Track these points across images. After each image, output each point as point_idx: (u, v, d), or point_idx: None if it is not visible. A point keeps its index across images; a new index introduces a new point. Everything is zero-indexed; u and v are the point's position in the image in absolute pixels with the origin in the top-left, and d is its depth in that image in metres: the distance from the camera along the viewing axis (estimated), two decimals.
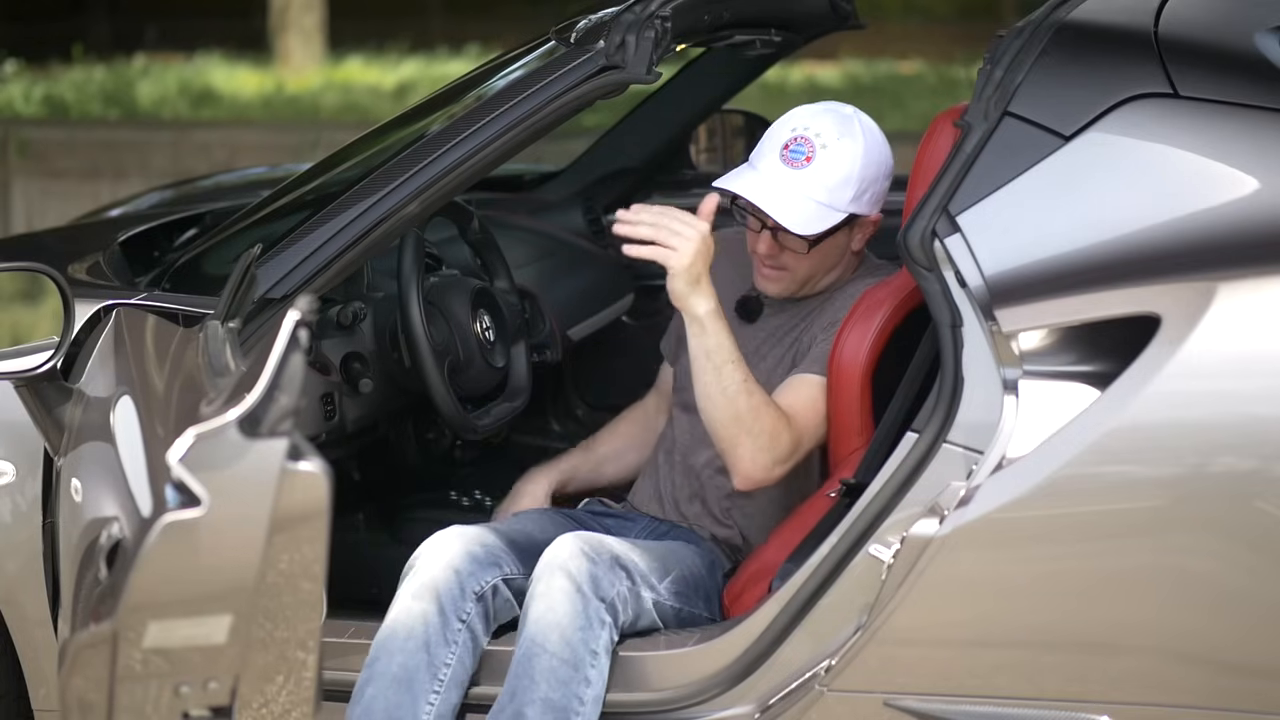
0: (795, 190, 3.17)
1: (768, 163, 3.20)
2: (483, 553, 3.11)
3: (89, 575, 2.64)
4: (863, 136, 3.22)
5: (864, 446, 3.14)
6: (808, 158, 3.17)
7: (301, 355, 2.34)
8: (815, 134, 3.19)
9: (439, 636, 3.01)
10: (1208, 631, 2.84)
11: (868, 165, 3.22)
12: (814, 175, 3.18)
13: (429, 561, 3.08)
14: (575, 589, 2.97)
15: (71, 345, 3.13)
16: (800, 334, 3.31)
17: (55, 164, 8.92)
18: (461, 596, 3.04)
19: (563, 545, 3.03)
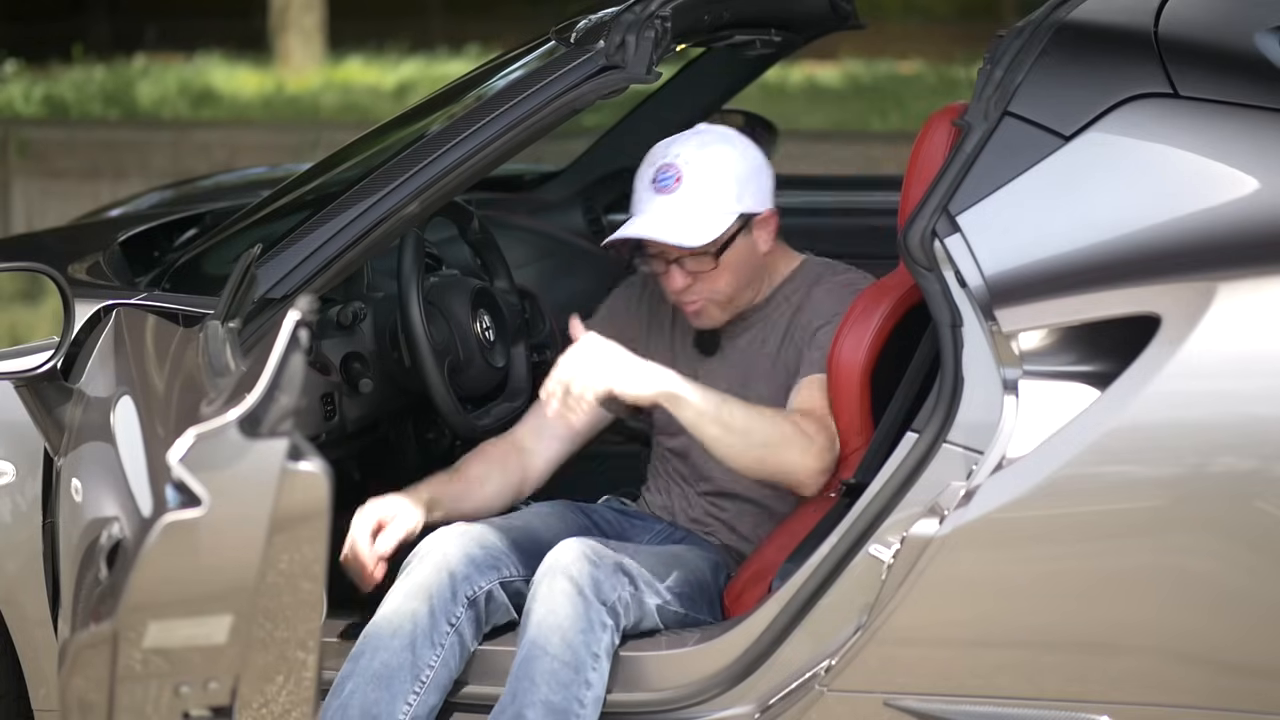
0: (676, 211, 3.17)
1: (646, 204, 3.20)
2: (482, 554, 3.10)
3: (89, 575, 2.64)
4: (722, 141, 3.25)
5: (864, 446, 3.14)
6: (677, 179, 3.18)
7: (301, 355, 2.34)
8: (675, 156, 3.21)
9: (426, 638, 3.01)
10: (1208, 631, 2.84)
11: (737, 163, 3.23)
12: (688, 191, 3.18)
13: (425, 561, 3.08)
14: (577, 592, 2.96)
15: (71, 345, 3.13)
16: (779, 349, 3.29)
17: (55, 164, 8.91)
18: (453, 600, 3.04)
19: (566, 549, 3.03)
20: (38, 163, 8.90)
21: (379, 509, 3.17)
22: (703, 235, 3.16)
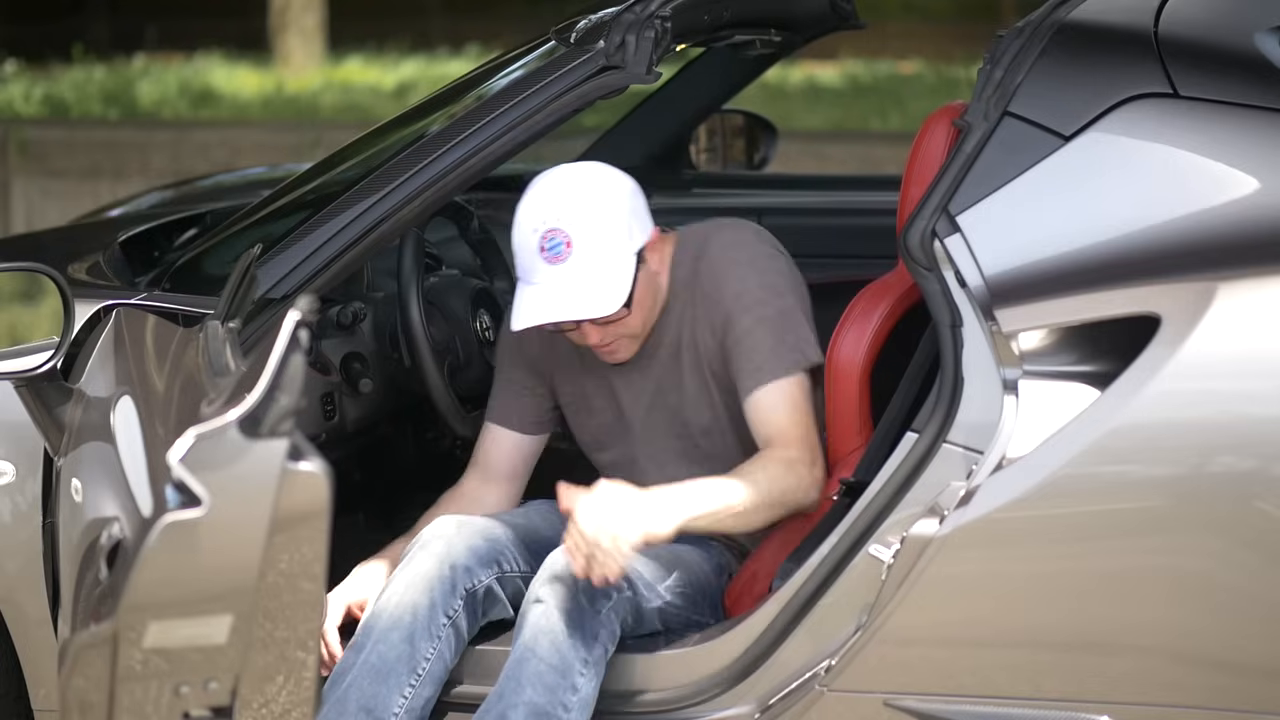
0: (578, 280, 3.02)
1: (541, 275, 3.03)
2: (485, 547, 3.09)
3: (89, 575, 2.64)
4: (595, 183, 3.08)
5: (863, 446, 3.14)
6: (567, 244, 3.02)
7: (301, 355, 2.34)
8: (557, 219, 3.03)
9: (424, 630, 3.01)
10: (1208, 631, 2.84)
11: (617, 202, 3.06)
12: (583, 254, 3.02)
13: (427, 550, 3.07)
14: (573, 597, 2.95)
15: (71, 345, 3.13)
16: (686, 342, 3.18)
17: (55, 164, 8.91)
18: (452, 593, 3.04)
19: (562, 555, 3.01)
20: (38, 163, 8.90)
21: (347, 596, 3.18)
22: (614, 299, 3.04)
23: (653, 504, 2.93)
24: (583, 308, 3.04)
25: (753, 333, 3.12)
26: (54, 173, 8.87)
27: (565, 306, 3.03)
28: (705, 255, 3.18)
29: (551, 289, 3.03)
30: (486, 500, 3.33)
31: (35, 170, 8.88)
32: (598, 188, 3.08)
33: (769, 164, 4.87)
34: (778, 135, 4.85)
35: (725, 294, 3.14)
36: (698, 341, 3.18)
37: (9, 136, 8.95)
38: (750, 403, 3.12)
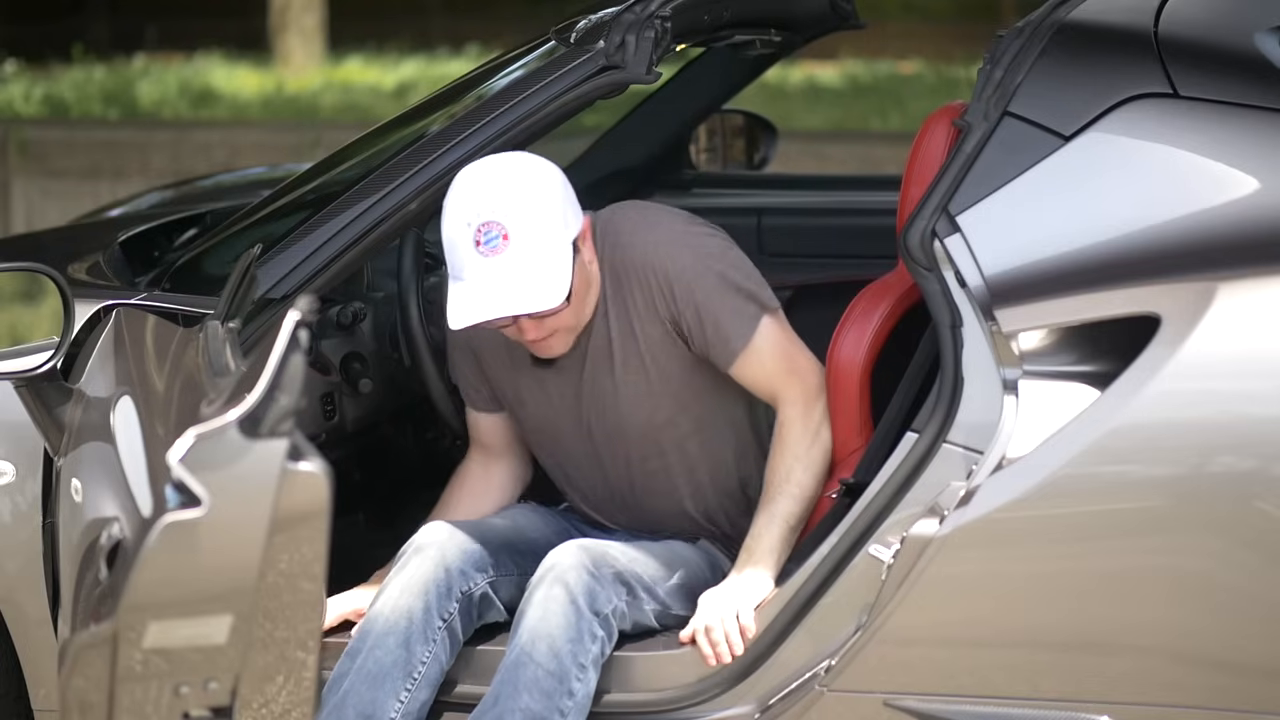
0: (516, 273, 2.92)
1: (478, 270, 2.92)
2: (479, 551, 3.09)
3: (89, 575, 2.64)
4: (519, 174, 2.98)
5: (863, 446, 3.14)
6: (504, 236, 2.92)
7: (301, 355, 2.34)
8: (490, 210, 2.93)
9: (420, 634, 3.01)
10: (1207, 631, 2.84)
11: (550, 191, 2.98)
12: (523, 247, 2.93)
13: (423, 555, 3.07)
14: (570, 601, 2.95)
15: (71, 345, 3.13)
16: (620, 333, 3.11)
17: (55, 164, 8.91)
18: (448, 596, 3.03)
19: (565, 554, 3.01)
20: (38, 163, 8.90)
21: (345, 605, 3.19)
22: (556, 292, 2.94)
23: (754, 586, 3.02)
24: (524, 302, 2.93)
25: (707, 306, 3.07)
26: (54, 173, 8.87)
27: (506, 301, 2.94)
28: (620, 244, 3.09)
29: (490, 284, 2.93)
30: (495, 473, 3.35)
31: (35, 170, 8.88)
32: (530, 177, 2.98)
33: (769, 164, 4.87)
34: (778, 135, 4.85)
35: (663, 278, 3.07)
36: (636, 331, 3.10)
37: (9, 136, 8.95)
38: (736, 372, 3.12)
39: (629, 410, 3.15)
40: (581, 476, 3.25)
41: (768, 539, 3.05)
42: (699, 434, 3.19)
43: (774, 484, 3.10)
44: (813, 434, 3.10)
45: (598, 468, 3.22)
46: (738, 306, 3.08)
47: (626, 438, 3.17)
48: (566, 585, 2.96)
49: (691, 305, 3.07)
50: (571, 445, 3.23)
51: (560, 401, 3.19)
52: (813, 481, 3.09)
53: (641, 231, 3.10)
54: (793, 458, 3.09)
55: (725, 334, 3.08)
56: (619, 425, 3.17)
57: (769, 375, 3.11)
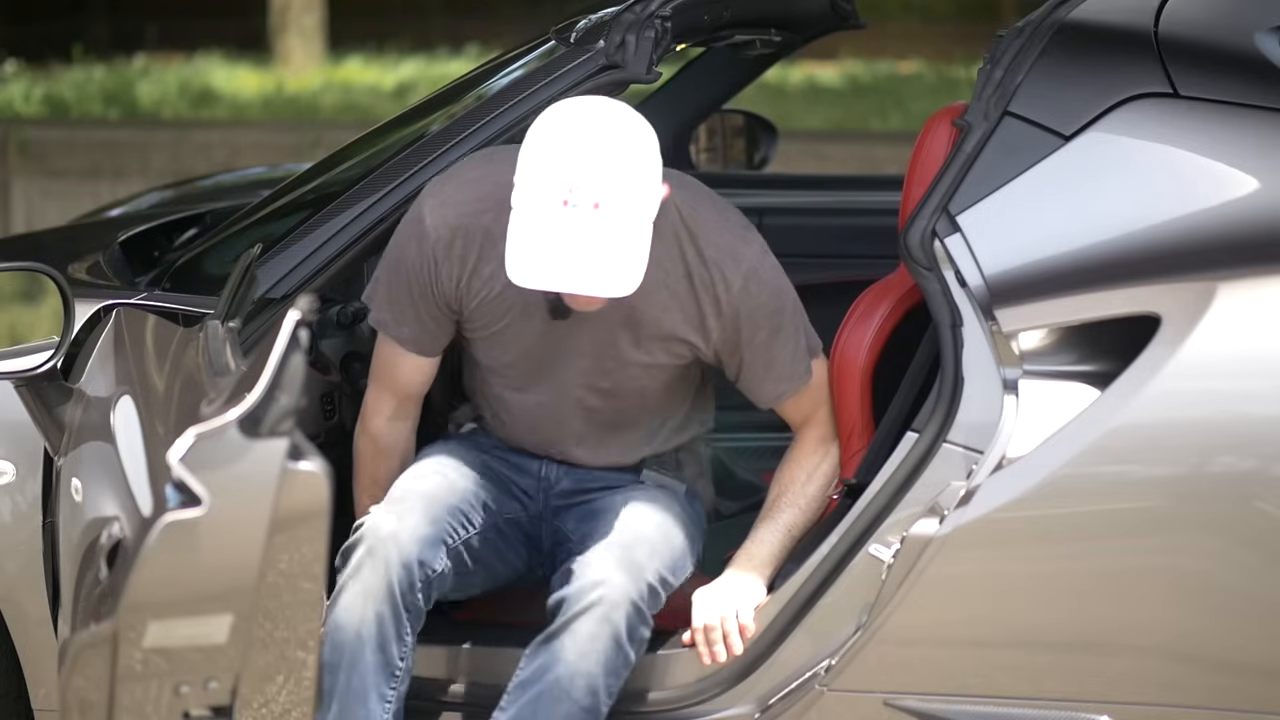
0: (600, 250, 2.73)
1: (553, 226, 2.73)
2: (430, 531, 2.98)
3: (89, 575, 2.64)
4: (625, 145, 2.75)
5: (864, 447, 3.14)
6: (595, 205, 2.72)
7: (301, 355, 2.34)
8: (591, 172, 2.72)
9: (393, 634, 2.95)
10: (1207, 631, 2.84)
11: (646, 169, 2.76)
12: (609, 223, 2.73)
13: (378, 556, 2.94)
14: (613, 640, 2.89)
15: (71, 345, 3.13)
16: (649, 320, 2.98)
17: (55, 164, 8.91)
18: (412, 590, 2.95)
19: (611, 584, 2.89)
20: (38, 163, 8.89)
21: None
22: (632, 278, 2.76)
23: (750, 588, 3.00)
24: (600, 283, 2.74)
25: (768, 349, 3.02)
26: (54, 173, 8.87)
27: (580, 277, 2.74)
28: (700, 239, 2.96)
29: (565, 249, 2.73)
30: (402, 431, 3.17)
31: (35, 170, 8.87)
32: (635, 150, 2.76)
33: (769, 164, 4.87)
34: (778, 135, 4.85)
35: (731, 306, 2.97)
36: (666, 327, 2.99)
37: (9, 136, 8.94)
38: (779, 407, 3.10)
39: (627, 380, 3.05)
40: (530, 413, 3.12)
41: (770, 545, 3.05)
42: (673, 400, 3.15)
43: (784, 495, 3.08)
44: (825, 450, 3.11)
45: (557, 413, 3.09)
46: (794, 353, 3.05)
47: (615, 397, 3.07)
48: (613, 625, 2.88)
49: (752, 346, 3.01)
50: (542, 391, 3.08)
51: (559, 353, 3.04)
52: (822, 495, 3.10)
53: (734, 251, 2.97)
54: (805, 473, 3.10)
55: (778, 375, 3.05)
56: (614, 388, 3.06)
57: (805, 412, 3.12)
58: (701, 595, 3.01)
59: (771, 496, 3.11)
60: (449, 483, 3.08)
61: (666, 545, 3.04)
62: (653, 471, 3.17)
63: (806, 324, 3.09)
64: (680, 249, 2.97)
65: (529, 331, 3.03)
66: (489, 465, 3.16)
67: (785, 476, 3.11)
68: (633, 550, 2.97)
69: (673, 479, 3.19)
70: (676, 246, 2.97)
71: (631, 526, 3.03)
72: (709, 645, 2.97)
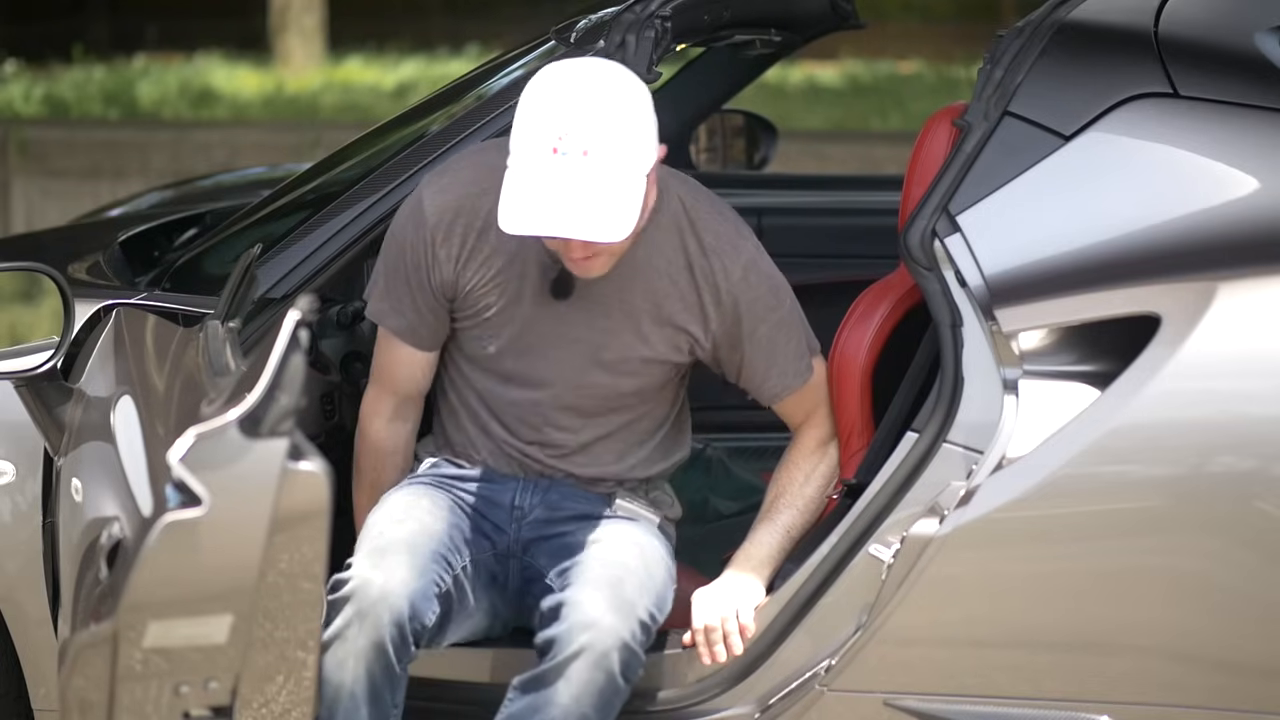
0: (592, 195, 2.74)
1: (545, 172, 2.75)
2: (421, 585, 2.89)
3: (89, 575, 2.64)
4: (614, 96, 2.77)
5: (864, 447, 3.14)
6: (584, 152, 2.74)
7: (301, 355, 2.34)
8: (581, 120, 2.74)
9: (385, 685, 2.88)
10: (1208, 631, 2.84)
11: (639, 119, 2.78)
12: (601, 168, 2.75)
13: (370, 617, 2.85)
14: (609, 681, 2.85)
15: (71, 345, 3.13)
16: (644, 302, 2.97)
17: (55, 164, 8.91)
18: (404, 644, 2.87)
19: (603, 627, 2.84)
20: (38, 163, 8.89)
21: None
22: (625, 224, 2.76)
23: (751, 589, 3.00)
24: (592, 227, 2.74)
25: (769, 347, 3.03)
26: (54, 173, 8.87)
27: (572, 222, 2.74)
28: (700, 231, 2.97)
29: (557, 195, 2.74)
30: (401, 433, 3.15)
31: (35, 170, 8.87)
32: (625, 100, 2.78)
33: (769, 164, 4.87)
34: (778, 135, 4.85)
35: (731, 299, 2.99)
36: (666, 313, 2.98)
37: (9, 136, 8.94)
38: (778, 404, 3.10)
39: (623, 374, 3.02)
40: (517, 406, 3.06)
41: (768, 546, 3.04)
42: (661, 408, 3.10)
43: (782, 496, 3.08)
44: (823, 451, 3.11)
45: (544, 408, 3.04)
46: (796, 351, 3.05)
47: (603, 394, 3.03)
48: (607, 669, 2.84)
49: (754, 339, 3.01)
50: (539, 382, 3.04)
51: (553, 339, 3.01)
52: (820, 496, 3.09)
53: (734, 244, 2.99)
54: (803, 474, 3.09)
55: (780, 371, 3.05)
56: (602, 381, 3.02)
57: (805, 411, 3.11)
58: (701, 596, 3.01)
59: (770, 497, 3.10)
60: (424, 527, 2.98)
61: (650, 579, 2.97)
62: (625, 502, 3.10)
63: (805, 322, 3.10)
64: (681, 239, 2.98)
65: (527, 316, 3.00)
66: (457, 503, 3.06)
67: (784, 477, 3.11)
68: (621, 588, 2.90)
69: (646, 509, 3.12)
70: (678, 236, 2.98)
71: (616, 559, 2.96)
72: (709, 646, 2.97)
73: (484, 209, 2.96)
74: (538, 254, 2.98)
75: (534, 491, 3.08)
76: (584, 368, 3.02)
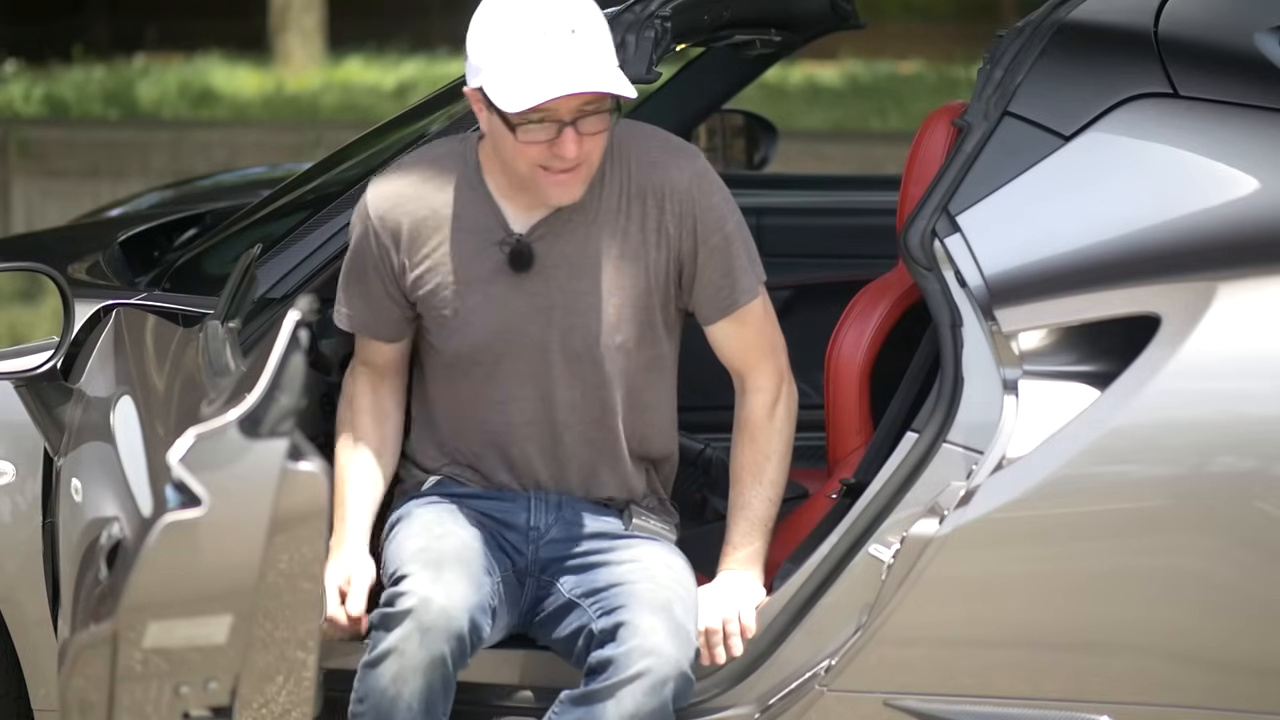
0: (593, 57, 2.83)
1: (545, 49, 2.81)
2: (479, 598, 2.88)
3: (89, 575, 2.64)
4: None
5: (863, 446, 3.14)
6: (571, 30, 2.82)
7: (301, 355, 2.34)
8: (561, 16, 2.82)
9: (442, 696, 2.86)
10: (1208, 631, 2.84)
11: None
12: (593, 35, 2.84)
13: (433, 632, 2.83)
14: (662, 708, 2.84)
15: (71, 345, 3.13)
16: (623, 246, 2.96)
17: (55, 164, 8.91)
18: (463, 658, 2.87)
19: (663, 656, 2.84)
20: (38, 163, 8.89)
21: (332, 579, 2.98)
22: (628, 80, 2.86)
23: (752, 587, 2.99)
24: (605, 79, 2.81)
25: (725, 251, 2.98)
26: (54, 173, 8.87)
27: (585, 77, 2.80)
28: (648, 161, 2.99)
29: (563, 63, 2.80)
30: (386, 403, 3.13)
31: (35, 170, 8.88)
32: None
33: (769, 164, 4.87)
34: (778, 135, 4.85)
35: (690, 208, 2.97)
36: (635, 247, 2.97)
37: (9, 136, 8.94)
38: (720, 329, 3.02)
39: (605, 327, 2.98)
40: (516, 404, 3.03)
41: (752, 543, 3.02)
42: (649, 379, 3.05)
43: (745, 482, 3.03)
44: (778, 426, 3.04)
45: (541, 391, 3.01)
46: (748, 264, 3.00)
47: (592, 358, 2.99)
48: (664, 699, 2.83)
49: (709, 245, 2.97)
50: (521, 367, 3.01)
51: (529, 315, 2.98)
52: (782, 475, 3.04)
53: (675, 156, 3.01)
54: (763, 455, 3.03)
55: (732, 282, 2.98)
56: (586, 344, 2.98)
57: (749, 346, 3.03)
58: (702, 597, 3.01)
59: (736, 484, 3.04)
60: (466, 542, 2.97)
61: (689, 595, 2.97)
62: (640, 520, 3.08)
63: (754, 246, 3.03)
64: (626, 169, 2.97)
65: (491, 299, 2.97)
66: (478, 520, 3.04)
67: (746, 460, 3.03)
68: (672, 610, 2.89)
69: (662, 527, 3.10)
70: (621, 168, 2.97)
71: (657, 578, 2.95)
72: (710, 647, 2.97)
73: (427, 195, 2.97)
74: (489, 231, 2.97)
75: (547, 509, 3.06)
76: (565, 354, 2.99)
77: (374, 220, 3.00)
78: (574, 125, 2.83)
